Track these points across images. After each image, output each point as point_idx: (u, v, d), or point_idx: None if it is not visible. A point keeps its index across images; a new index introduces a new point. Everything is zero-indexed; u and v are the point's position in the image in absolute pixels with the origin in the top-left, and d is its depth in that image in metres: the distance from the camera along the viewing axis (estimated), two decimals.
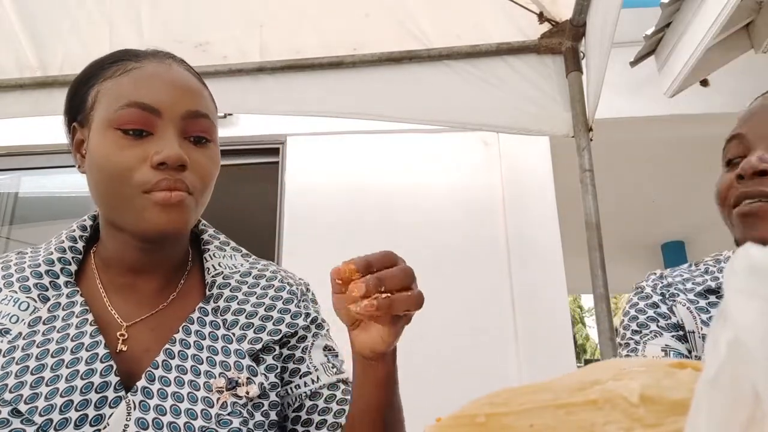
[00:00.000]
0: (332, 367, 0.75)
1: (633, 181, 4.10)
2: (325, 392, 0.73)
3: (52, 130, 2.37)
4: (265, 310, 0.74)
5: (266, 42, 1.97)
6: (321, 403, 0.72)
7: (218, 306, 0.72)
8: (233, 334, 0.70)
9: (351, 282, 0.55)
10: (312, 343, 0.76)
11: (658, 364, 0.24)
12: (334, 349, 0.78)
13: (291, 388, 0.73)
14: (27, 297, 0.67)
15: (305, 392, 0.73)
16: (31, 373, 0.61)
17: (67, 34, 1.96)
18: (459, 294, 2.42)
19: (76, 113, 0.71)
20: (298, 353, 0.74)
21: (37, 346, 0.64)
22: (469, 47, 1.93)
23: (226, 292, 0.74)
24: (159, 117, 0.65)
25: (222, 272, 0.75)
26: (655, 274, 0.91)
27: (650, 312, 0.86)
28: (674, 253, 5.61)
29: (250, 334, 0.71)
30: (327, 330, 0.80)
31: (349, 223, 2.58)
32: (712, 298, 0.83)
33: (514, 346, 2.36)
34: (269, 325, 0.73)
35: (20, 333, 0.64)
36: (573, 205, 2.07)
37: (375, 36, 1.95)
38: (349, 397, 0.72)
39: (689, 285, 0.86)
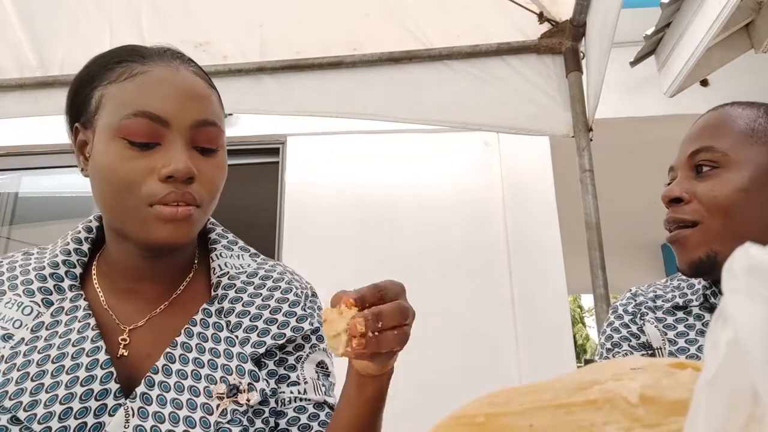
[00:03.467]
0: (322, 386, 0.72)
1: (633, 181, 4.09)
2: (311, 409, 0.70)
3: (52, 130, 2.37)
4: (270, 313, 0.71)
5: (266, 42, 1.97)
6: (304, 419, 0.69)
7: (222, 307, 0.70)
8: (236, 337, 0.68)
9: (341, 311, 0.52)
10: (307, 355, 0.73)
11: (658, 364, 0.24)
12: (327, 368, 0.75)
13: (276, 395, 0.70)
14: (31, 301, 0.66)
15: (290, 400, 0.69)
16: (32, 380, 0.60)
17: (67, 33, 1.96)
18: (459, 294, 2.42)
19: (79, 114, 0.68)
20: (291, 360, 0.71)
21: (39, 352, 0.62)
22: (469, 47, 1.93)
23: (231, 293, 0.71)
24: (167, 127, 0.63)
25: (228, 272, 0.73)
26: (630, 291, 0.94)
27: (623, 332, 0.90)
28: (674, 253, 5.59)
29: (254, 337, 0.69)
30: (326, 345, 0.76)
31: (349, 224, 2.58)
32: (680, 315, 0.86)
33: (514, 346, 2.36)
34: (273, 329, 0.70)
35: (23, 338, 0.63)
36: (573, 205, 2.07)
37: (375, 36, 1.95)
38: (330, 422, 0.69)
39: (659, 302, 0.90)
